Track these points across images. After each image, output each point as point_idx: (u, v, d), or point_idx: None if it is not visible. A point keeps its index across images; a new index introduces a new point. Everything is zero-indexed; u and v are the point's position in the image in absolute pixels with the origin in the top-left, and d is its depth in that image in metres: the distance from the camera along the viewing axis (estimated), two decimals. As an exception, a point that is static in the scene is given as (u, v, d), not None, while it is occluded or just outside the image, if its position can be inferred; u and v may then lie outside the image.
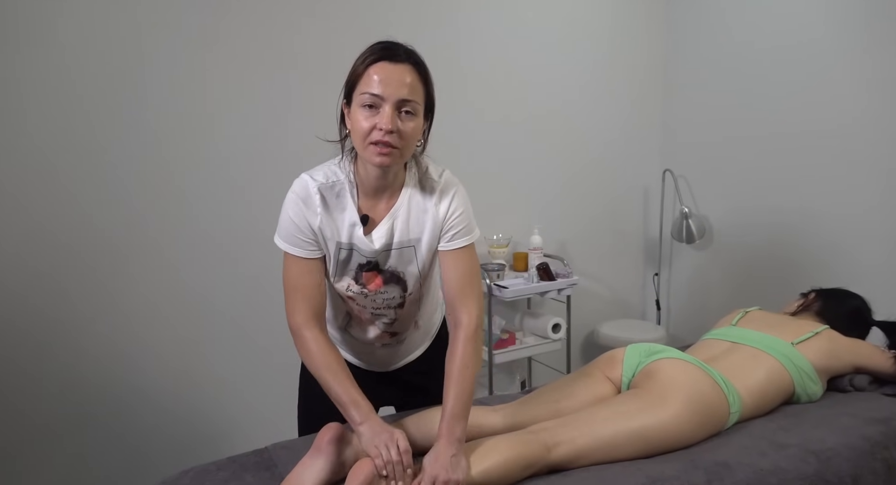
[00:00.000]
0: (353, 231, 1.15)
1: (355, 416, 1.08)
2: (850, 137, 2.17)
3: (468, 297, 1.17)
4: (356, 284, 1.21)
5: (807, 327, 1.52)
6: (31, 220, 1.73)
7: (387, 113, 1.04)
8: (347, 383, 1.10)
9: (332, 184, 1.14)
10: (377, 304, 1.24)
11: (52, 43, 1.68)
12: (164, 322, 1.93)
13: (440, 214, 1.17)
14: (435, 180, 1.18)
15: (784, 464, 1.19)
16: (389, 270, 1.20)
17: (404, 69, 1.06)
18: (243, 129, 1.96)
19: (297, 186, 1.15)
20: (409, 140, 1.08)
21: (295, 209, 1.13)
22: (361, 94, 1.06)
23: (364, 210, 1.16)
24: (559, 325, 2.37)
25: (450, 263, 1.18)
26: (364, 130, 1.05)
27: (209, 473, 1.17)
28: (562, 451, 1.16)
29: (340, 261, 1.18)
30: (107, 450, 1.89)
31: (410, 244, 1.19)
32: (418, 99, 1.08)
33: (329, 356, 1.12)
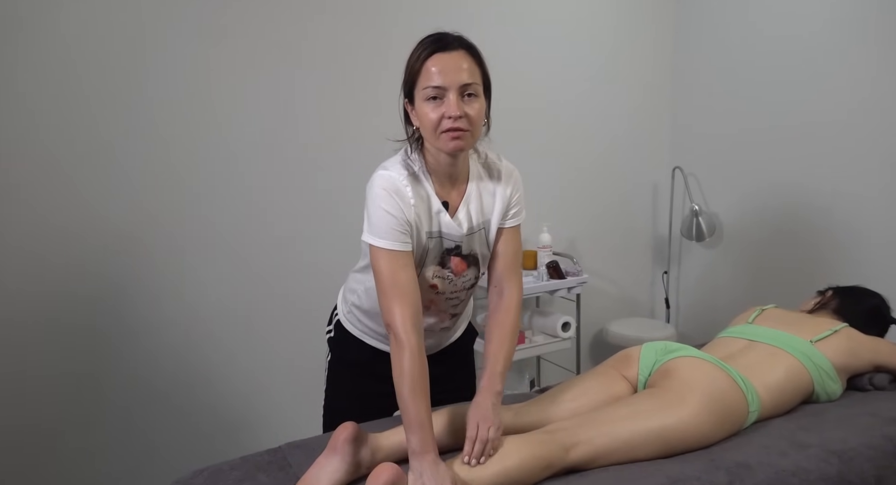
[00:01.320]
0: (439, 218, 1.19)
1: (416, 441, 1.04)
2: (863, 132, 2.15)
3: (515, 272, 1.26)
4: (443, 269, 1.24)
5: (825, 325, 1.50)
6: (39, 218, 1.72)
7: (452, 100, 1.08)
8: (423, 405, 1.06)
9: (413, 174, 1.17)
10: (456, 287, 1.28)
11: (56, 38, 1.67)
12: (173, 320, 1.92)
13: (507, 195, 1.25)
14: (497, 164, 1.26)
15: (806, 464, 1.17)
16: (472, 253, 1.26)
17: (459, 55, 1.10)
18: (250, 124, 1.95)
19: (382, 182, 1.14)
20: (477, 121, 1.11)
21: (390, 202, 1.12)
22: (424, 89, 1.09)
23: (442, 197, 1.19)
24: (569, 323, 2.35)
25: (505, 240, 1.26)
26: (434, 122, 1.09)
27: (223, 472, 1.15)
28: (580, 451, 1.14)
29: (430, 249, 1.20)
30: (116, 449, 1.88)
31: (483, 227, 1.24)
32: (477, 80, 1.11)
33: (418, 372, 1.08)
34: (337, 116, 2.07)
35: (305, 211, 2.06)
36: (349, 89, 2.07)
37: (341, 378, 1.42)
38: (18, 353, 1.73)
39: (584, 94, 2.60)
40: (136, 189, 1.82)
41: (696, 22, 2.70)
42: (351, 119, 2.08)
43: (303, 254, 2.08)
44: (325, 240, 2.10)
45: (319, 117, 2.05)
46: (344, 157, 2.08)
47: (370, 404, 1.36)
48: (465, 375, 1.49)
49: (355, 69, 2.07)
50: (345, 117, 2.08)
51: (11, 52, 1.62)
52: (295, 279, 2.07)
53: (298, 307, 2.09)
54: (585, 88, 2.59)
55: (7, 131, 1.65)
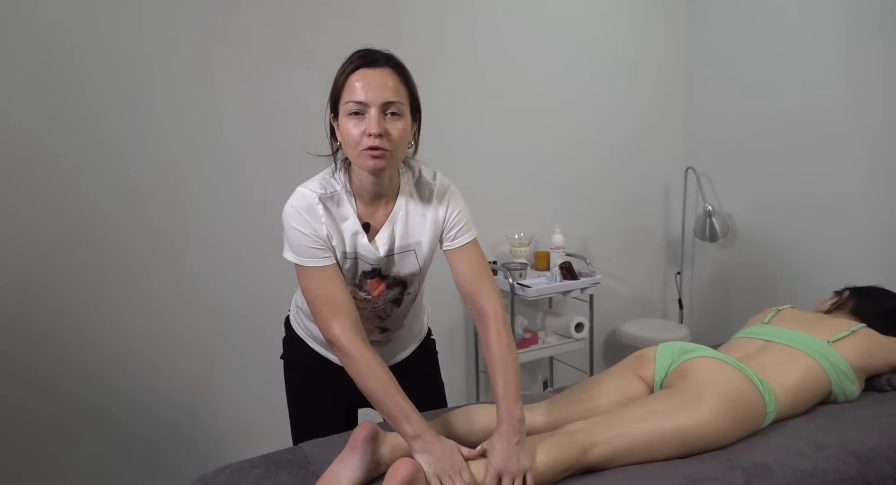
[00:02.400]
0: (356, 240, 1.16)
1: (407, 428, 1.06)
2: (877, 130, 2.13)
3: (485, 286, 1.19)
4: (360, 292, 1.22)
5: (842, 326, 1.49)
6: (43, 220, 1.73)
7: (373, 117, 1.05)
8: (397, 395, 1.07)
9: (330, 194, 1.14)
10: (378, 304, 1.26)
11: (58, 38, 1.67)
12: (182, 321, 1.94)
13: (440, 216, 1.20)
14: (430, 183, 1.20)
15: (824, 465, 1.17)
16: (392, 275, 1.22)
17: (384, 73, 1.08)
18: (254, 125, 1.95)
19: (295, 201, 1.13)
20: (398, 141, 1.08)
21: (300, 221, 1.12)
22: (346, 104, 1.07)
23: (364, 218, 1.16)
24: (582, 324, 2.36)
25: (460, 260, 1.20)
26: (354, 138, 1.07)
27: (244, 470, 1.17)
28: (598, 452, 1.15)
29: (346, 270, 1.18)
30: (135, 449, 1.91)
31: (411, 248, 1.20)
32: (402, 100, 1.09)
33: (375, 367, 1.08)
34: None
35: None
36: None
37: (298, 384, 1.41)
38: (29, 356, 1.75)
39: (596, 94, 2.60)
40: (140, 190, 1.82)
41: (708, 21, 2.69)
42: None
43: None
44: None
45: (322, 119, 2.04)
46: None
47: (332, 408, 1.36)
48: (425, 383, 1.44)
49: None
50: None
51: (13, 52, 1.63)
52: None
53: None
54: (597, 88, 2.60)
55: (8, 131, 1.65)
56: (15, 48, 1.64)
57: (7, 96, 1.65)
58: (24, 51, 1.65)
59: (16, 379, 1.73)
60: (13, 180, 1.68)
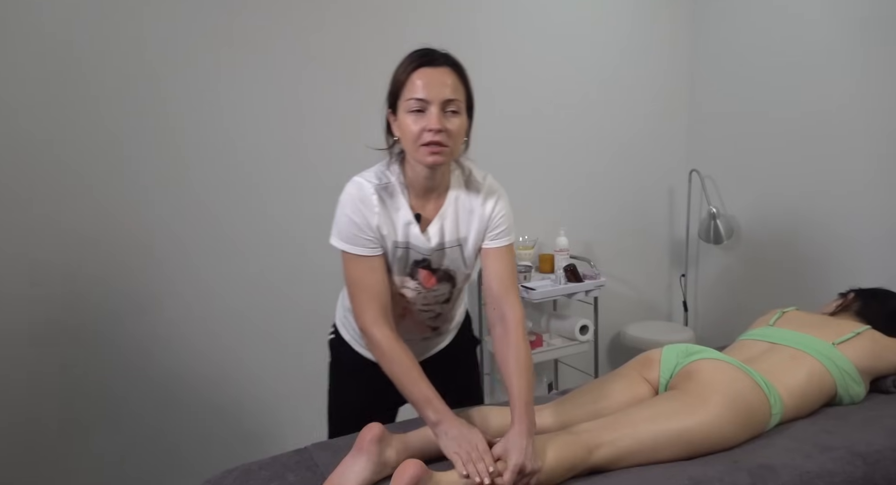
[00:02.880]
0: (408, 230, 1.20)
1: (431, 415, 1.10)
2: (883, 132, 2.13)
3: (512, 292, 1.22)
4: (412, 281, 1.25)
5: (847, 328, 1.49)
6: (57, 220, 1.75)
7: (434, 114, 1.09)
8: (421, 382, 1.12)
9: (385, 185, 1.19)
10: (427, 300, 1.29)
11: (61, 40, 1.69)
12: (198, 321, 1.95)
13: (486, 214, 1.23)
14: (479, 182, 1.25)
15: (830, 467, 1.17)
16: (443, 269, 1.26)
17: (444, 71, 1.12)
18: (260, 125, 1.96)
19: (352, 188, 1.18)
20: (456, 138, 1.13)
21: (354, 208, 1.16)
22: (407, 101, 1.11)
23: (416, 209, 1.21)
24: (587, 326, 2.36)
25: (493, 261, 1.23)
26: (414, 134, 1.11)
27: (252, 472, 1.18)
28: (604, 452, 1.15)
29: (397, 259, 1.22)
30: (143, 451, 1.92)
31: (458, 243, 1.24)
32: (460, 97, 1.13)
33: (401, 355, 1.13)
34: (345, 120, 2.08)
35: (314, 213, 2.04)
36: (358, 93, 2.06)
37: (341, 381, 1.44)
38: (41, 358, 1.76)
39: (600, 97, 2.60)
40: (147, 194, 1.84)
41: (713, 24, 2.69)
42: (360, 123, 2.07)
43: (317, 257, 2.07)
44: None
45: (327, 121, 2.06)
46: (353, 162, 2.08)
47: (372, 408, 1.36)
48: (462, 380, 1.48)
49: (364, 72, 2.06)
50: (353, 121, 2.08)
51: (21, 55, 1.65)
52: (311, 283, 2.09)
53: (317, 311, 2.10)
54: (601, 91, 2.60)
55: (14, 134, 1.67)
56: (22, 51, 1.66)
57: (15, 98, 1.66)
58: (32, 53, 1.66)
59: (19, 377, 1.75)
60: (20, 181, 1.70)
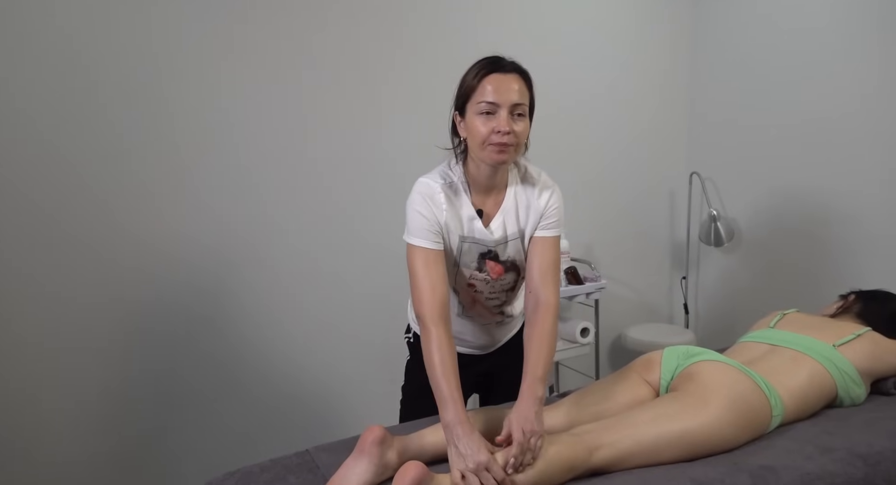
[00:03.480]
0: (472, 225, 1.28)
1: (448, 415, 1.12)
2: (883, 134, 2.14)
3: (552, 281, 1.28)
4: (479, 272, 1.33)
5: (848, 329, 1.49)
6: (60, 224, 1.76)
7: (503, 117, 1.18)
8: (453, 381, 1.15)
9: (450, 183, 1.27)
10: (494, 289, 1.37)
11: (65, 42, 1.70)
12: (199, 324, 1.95)
13: (541, 206, 1.31)
14: (535, 178, 1.33)
15: (831, 468, 1.17)
16: (509, 259, 1.34)
17: (512, 77, 1.21)
18: (260, 128, 1.97)
19: (421, 188, 1.26)
20: (522, 138, 1.22)
21: (424, 205, 1.24)
22: (478, 104, 1.19)
23: (477, 205, 1.28)
24: (588, 329, 2.36)
25: (539, 249, 1.29)
26: (483, 135, 1.19)
27: (253, 474, 1.18)
28: (604, 454, 1.15)
29: (464, 252, 1.30)
30: (145, 453, 1.92)
31: (519, 235, 1.32)
32: (526, 102, 1.22)
33: (446, 355, 1.17)
34: (354, 124, 2.09)
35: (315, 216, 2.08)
36: (359, 98, 2.09)
37: (417, 379, 1.45)
38: (51, 360, 1.77)
39: (601, 99, 2.61)
40: (152, 196, 1.85)
41: (713, 27, 2.70)
42: (360, 125, 2.10)
43: (319, 260, 2.09)
44: (345, 247, 2.13)
45: (327, 123, 2.07)
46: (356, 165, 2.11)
47: None
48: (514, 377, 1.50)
49: (367, 77, 2.09)
50: (362, 126, 2.10)
51: (28, 59, 1.66)
52: (313, 286, 2.10)
53: (318, 315, 2.12)
54: (602, 94, 2.61)
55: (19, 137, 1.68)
56: (30, 55, 1.66)
57: (23, 101, 1.67)
58: (40, 57, 1.67)
59: (22, 377, 1.76)
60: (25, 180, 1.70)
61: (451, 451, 1.09)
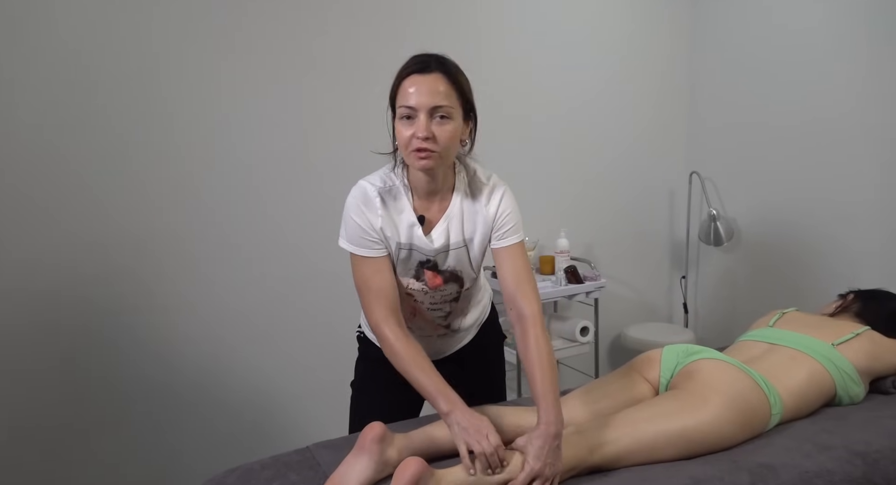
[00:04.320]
0: (412, 232, 1.22)
1: (442, 405, 1.11)
2: (881, 135, 2.14)
3: (527, 289, 1.22)
4: (417, 282, 1.28)
5: (847, 329, 1.50)
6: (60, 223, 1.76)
7: (421, 121, 1.12)
8: (434, 375, 1.14)
9: (388, 188, 1.22)
10: (435, 299, 1.32)
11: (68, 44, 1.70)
12: (199, 322, 1.96)
13: (490, 214, 1.24)
14: (483, 182, 1.26)
15: (830, 466, 1.17)
16: (448, 269, 1.28)
17: (435, 78, 1.13)
18: (260, 130, 1.97)
19: (356, 192, 1.22)
20: (447, 143, 1.14)
21: (357, 212, 1.20)
22: (399, 108, 1.14)
23: (419, 211, 1.23)
24: (587, 328, 2.36)
25: (505, 260, 1.24)
26: (405, 140, 1.14)
27: (254, 471, 1.18)
28: (604, 452, 1.16)
29: (401, 260, 1.25)
30: (144, 453, 1.92)
31: (464, 244, 1.26)
32: (451, 104, 1.14)
33: (412, 350, 1.16)
34: (344, 125, 2.09)
35: (317, 219, 2.08)
36: (357, 99, 2.08)
37: (366, 376, 1.46)
38: (43, 358, 1.77)
39: (601, 99, 2.61)
40: (151, 198, 1.85)
41: (712, 27, 2.71)
42: (358, 128, 2.08)
43: (317, 259, 2.09)
44: (339, 246, 2.12)
45: (328, 126, 2.07)
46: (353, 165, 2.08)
47: (395, 401, 1.39)
48: (485, 379, 1.50)
49: (365, 78, 2.08)
50: (352, 126, 2.09)
51: (26, 58, 1.66)
52: (311, 284, 2.10)
53: (318, 312, 2.12)
54: (602, 93, 2.61)
55: (20, 136, 1.68)
56: (32, 57, 1.67)
57: (25, 103, 1.68)
58: (41, 60, 1.68)
59: (21, 377, 1.76)
60: (24, 181, 1.71)
61: (454, 432, 1.09)
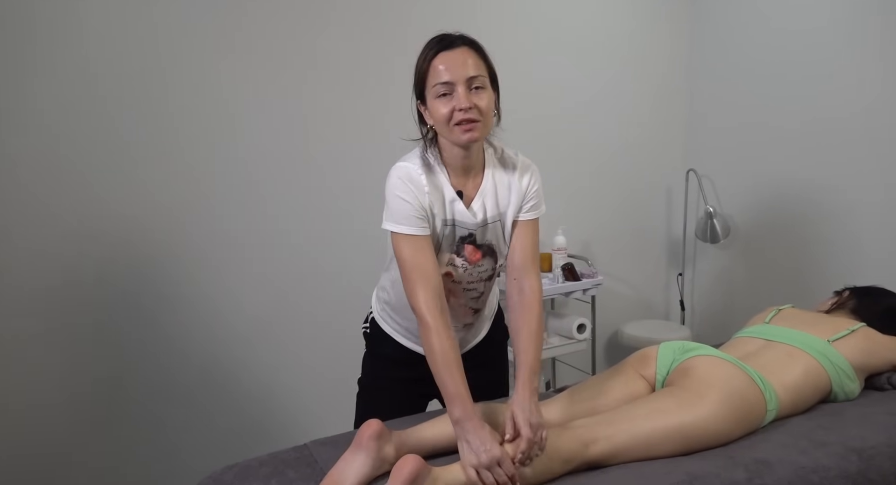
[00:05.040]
0: (453, 207, 1.23)
1: (457, 411, 1.09)
2: (878, 132, 2.15)
3: (533, 266, 1.26)
4: (458, 257, 1.27)
5: (843, 325, 1.50)
6: (66, 223, 1.76)
7: (461, 93, 1.12)
8: (458, 377, 1.12)
9: (428, 165, 1.22)
10: (472, 277, 1.31)
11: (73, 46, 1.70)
12: (195, 324, 1.96)
13: (522, 187, 1.27)
14: (513, 158, 1.29)
15: (826, 462, 1.18)
16: (486, 243, 1.28)
17: (463, 51, 1.15)
18: (264, 128, 1.97)
19: (398, 172, 1.20)
20: (486, 112, 1.16)
21: (405, 190, 1.18)
22: (434, 87, 1.14)
23: (457, 188, 1.23)
24: (584, 325, 2.37)
25: (522, 233, 1.27)
26: (445, 116, 1.14)
27: (252, 468, 1.18)
28: (599, 448, 1.16)
29: (445, 236, 1.24)
30: (142, 450, 1.92)
31: (498, 218, 1.27)
32: (483, 73, 1.16)
33: (447, 348, 1.14)
34: (348, 120, 2.09)
35: (320, 217, 2.09)
36: (361, 93, 2.09)
37: (375, 372, 1.46)
38: (44, 353, 1.77)
39: (598, 96, 2.61)
40: (153, 196, 1.85)
41: (710, 25, 2.71)
42: (362, 122, 2.11)
43: (321, 257, 2.11)
44: (342, 243, 2.13)
45: (332, 121, 2.07)
46: (359, 160, 2.12)
47: (403, 398, 1.40)
48: (493, 376, 1.51)
49: (367, 72, 2.09)
50: (355, 121, 2.10)
51: (31, 59, 1.66)
52: (310, 282, 2.11)
53: (317, 310, 2.12)
54: (599, 91, 2.61)
55: (22, 136, 1.68)
56: (35, 57, 1.67)
57: (27, 102, 1.68)
58: (44, 59, 1.68)
59: (21, 375, 1.75)
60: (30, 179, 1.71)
61: (461, 446, 1.08)
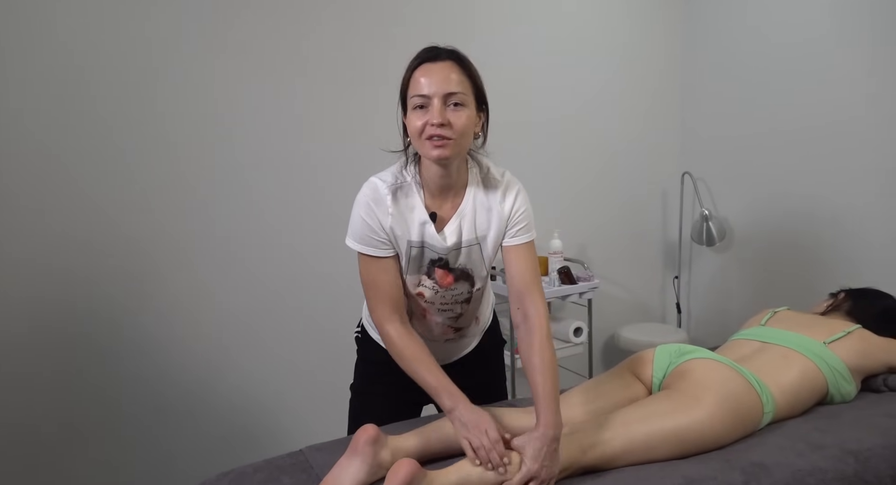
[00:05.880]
0: (423, 229, 1.20)
1: (446, 401, 1.11)
2: (871, 136, 2.16)
3: (535, 290, 1.21)
4: (429, 280, 1.26)
5: (838, 327, 1.51)
6: (59, 230, 1.75)
7: (436, 107, 1.09)
8: (437, 371, 1.14)
9: (400, 184, 1.19)
10: (446, 300, 1.29)
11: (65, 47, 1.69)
12: (190, 329, 1.95)
13: (505, 211, 1.23)
14: (497, 179, 1.24)
15: (822, 464, 1.18)
16: (459, 267, 1.26)
17: (446, 66, 1.12)
18: (256, 130, 1.97)
19: (367, 189, 1.19)
20: (462, 131, 1.11)
21: (366, 210, 1.18)
22: (412, 98, 1.12)
23: (431, 209, 1.21)
24: (581, 329, 2.37)
25: (515, 259, 1.23)
26: (418, 128, 1.11)
27: (247, 475, 1.18)
28: (597, 452, 1.16)
29: (412, 258, 1.22)
30: (137, 458, 1.91)
31: (477, 242, 1.24)
32: (465, 91, 1.12)
33: (415, 347, 1.16)
34: (341, 122, 2.09)
35: (312, 220, 2.08)
36: (353, 95, 2.09)
37: (366, 378, 1.45)
38: (36, 362, 1.76)
39: (593, 100, 2.62)
40: (146, 200, 1.84)
41: (704, 28, 2.72)
42: (355, 124, 2.10)
43: (312, 261, 2.10)
44: (336, 246, 2.11)
45: (325, 123, 2.07)
46: (349, 165, 2.11)
47: (396, 404, 1.39)
48: (486, 378, 1.50)
49: (360, 78, 2.09)
50: (348, 126, 2.10)
51: (21, 60, 1.65)
52: (306, 287, 2.10)
53: (311, 315, 2.12)
54: (595, 95, 2.62)
55: (14, 136, 1.67)
56: (27, 58, 1.66)
57: (20, 104, 1.66)
58: (36, 60, 1.67)
59: (16, 381, 1.74)
60: (18, 183, 1.69)
61: (455, 427, 1.10)
